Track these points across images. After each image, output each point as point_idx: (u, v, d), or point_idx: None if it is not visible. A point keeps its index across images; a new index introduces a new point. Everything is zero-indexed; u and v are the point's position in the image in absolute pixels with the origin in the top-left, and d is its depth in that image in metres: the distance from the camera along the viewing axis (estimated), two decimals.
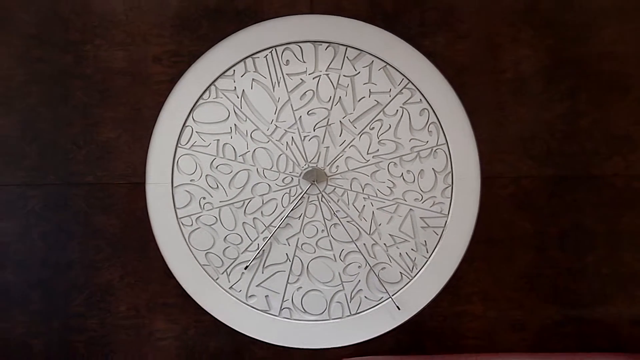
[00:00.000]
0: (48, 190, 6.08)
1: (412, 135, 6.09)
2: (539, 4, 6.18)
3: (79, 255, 6.07)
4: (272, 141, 6.09)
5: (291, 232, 6.10)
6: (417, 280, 6.09)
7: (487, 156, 6.11)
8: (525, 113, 6.13)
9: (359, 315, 6.10)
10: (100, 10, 6.10)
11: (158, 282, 6.08)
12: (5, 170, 6.08)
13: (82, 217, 6.07)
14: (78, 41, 6.08)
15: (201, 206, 6.10)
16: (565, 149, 6.14)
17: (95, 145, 6.07)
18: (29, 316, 6.06)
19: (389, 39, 6.11)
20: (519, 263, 6.12)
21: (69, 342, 6.07)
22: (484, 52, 6.15)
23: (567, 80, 6.14)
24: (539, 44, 6.15)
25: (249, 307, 6.08)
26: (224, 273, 6.08)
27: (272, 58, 6.11)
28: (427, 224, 6.08)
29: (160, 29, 6.10)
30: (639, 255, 6.13)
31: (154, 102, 6.07)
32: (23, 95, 6.07)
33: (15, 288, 6.07)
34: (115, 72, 6.07)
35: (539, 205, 6.13)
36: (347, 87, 6.10)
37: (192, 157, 6.08)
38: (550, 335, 6.11)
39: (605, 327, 6.13)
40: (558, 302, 6.12)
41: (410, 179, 6.10)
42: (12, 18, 6.09)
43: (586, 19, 6.16)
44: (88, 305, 6.07)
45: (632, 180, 6.13)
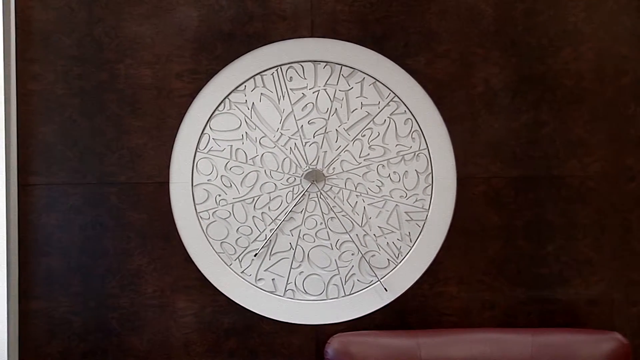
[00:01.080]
0: (86, 189, 6.37)
1: (397, 141, 6.45)
2: (506, 28, 6.49)
3: (113, 245, 6.35)
4: (278, 146, 6.44)
5: (294, 225, 6.45)
6: (402, 265, 6.45)
7: (462, 159, 6.44)
8: (495, 122, 6.46)
9: (352, 295, 6.43)
10: (130, 34, 6.39)
11: (180, 267, 6.38)
12: (49, 171, 6.35)
13: (115, 211, 6.37)
14: (112, 60, 6.37)
15: (217, 202, 6.43)
16: (529, 153, 6.47)
17: (126, 150, 6.37)
18: (70, 297, 6.33)
19: (378, 59, 6.45)
20: (489, 251, 6.45)
21: (104, 319, 6.33)
22: (459, 69, 6.47)
23: (531, 94, 6.47)
24: (506, 62, 6.47)
25: (258, 289, 6.41)
26: (236, 259, 6.42)
27: (277, 75, 6.46)
28: (410, 217, 6.45)
29: (181, 50, 6.40)
30: (592, 244, 6.44)
31: (176, 113, 6.39)
32: (64, 107, 6.35)
33: (58, 273, 6.33)
34: (143, 87, 6.38)
35: (507, 201, 6.46)
36: (342, 100, 6.45)
37: (209, 160, 6.42)
38: (516, 313, 6.44)
39: (564, 306, 6.44)
40: (523, 284, 6.44)
41: (396, 179, 6.45)
42: (55, 40, 6.37)
43: (547, 40, 6.49)
44: (120, 287, 6.34)
45: (586, 180, 6.46)
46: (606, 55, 6.51)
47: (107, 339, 6.37)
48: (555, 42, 6.51)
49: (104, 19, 6.41)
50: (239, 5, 6.44)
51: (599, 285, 6.48)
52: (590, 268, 6.49)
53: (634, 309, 6.47)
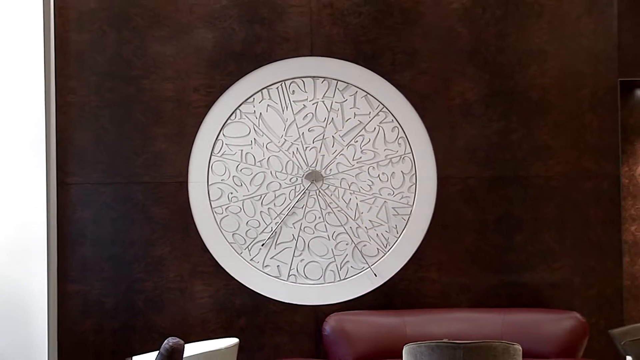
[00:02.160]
0: (115, 188, 6.44)
1: (386, 146, 6.51)
2: (480, 48, 6.53)
3: (139, 236, 6.43)
4: (282, 151, 6.50)
5: (296, 218, 6.51)
6: (390, 254, 6.50)
7: (442, 162, 6.49)
8: (470, 130, 6.51)
9: (346, 280, 6.48)
10: (154, 53, 6.45)
11: (197, 255, 6.44)
12: (84, 172, 6.41)
13: (141, 207, 6.44)
14: (138, 76, 6.44)
15: (229, 199, 6.48)
16: (500, 156, 6.52)
17: (151, 154, 6.44)
18: (102, 281, 6.39)
19: (369, 75, 6.50)
20: (465, 242, 6.51)
21: (131, 300, 6.39)
22: (439, 84, 6.53)
23: (501, 106, 6.52)
24: (480, 78, 6.52)
25: (265, 274, 6.47)
26: (246, 249, 6.47)
27: (282, 89, 6.51)
28: (397, 212, 6.50)
29: (198, 67, 6.47)
30: (554, 236, 6.49)
31: (193, 122, 6.45)
32: (96, 116, 6.43)
33: (92, 260, 6.39)
34: (165, 99, 6.45)
35: (480, 198, 6.52)
36: (337, 110, 6.52)
37: (223, 162, 6.48)
38: (488, 295, 6.49)
39: (530, 289, 6.48)
40: (494, 270, 6.50)
41: (384, 179, 6.51)
42: (89, 59, 6.44)
43: (515, 59, 6.53)
44: (145, 273, 6.41)
45: (550, 180, 6.51)
46: (567, 72, 6.55)
47: (134, 317, 6.41)
48: (522, 60, 6.56)
49: (131, 40, 6.47)
50: (248, 29, 6.50)
51: (561, 271, 6.52)
52: (553, 256, 6.52)
53: (591, 292, 6.49)
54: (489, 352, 4.52)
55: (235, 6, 6.50)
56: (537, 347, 6.07)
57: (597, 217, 6.54)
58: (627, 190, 7.58)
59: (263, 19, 6.52)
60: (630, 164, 7.71)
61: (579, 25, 6.57)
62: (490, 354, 4.51)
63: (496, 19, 6.56)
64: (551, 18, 6.57)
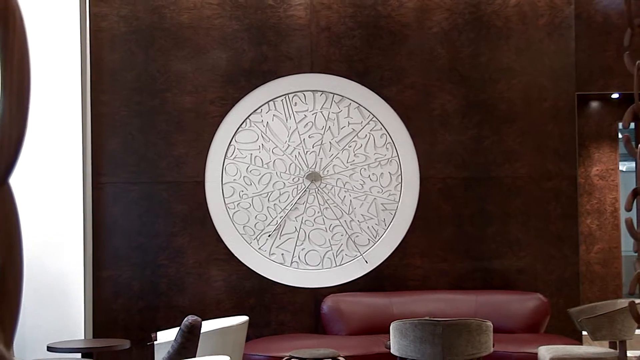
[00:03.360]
0: (142, 186, 6.48)
1: (375, 151, 6.57)
2: (457, 66, 6.59)
3: (162, 228, 6.46)
4: (286, 154, 6.55)
5: (298, 213, 6.56)
6: (379, 244, 6.55)
7: (424, 164, 6.55)
8: (448, 136, 6.58)
9: (341, 266, 6.53)
10: (176, 70, 6.50)
11: (212, 245, 6.47)
12: (114, 173, 6.46)
13: (164, 203, 6.48)
14: (162, 90, 6.49)
15: (240, 196, 6.53)
16: (474, 159, 6.58)
17: (173, 157, 6.49)
18: (131, 267, 6.42)
19: (361, 89, 6.55)
20: (444, 233, 6.57)
21: (156, 283, 6.43)
22: (421, 97, 6.59)
23: (475, 116, 6.59)
24: (457, 92, 6.58)
25: (271, 261, 6.51)
26: (255, 239, 6.51)
27: (286, 101, 6.56)
28: (385, 207, 6.56)
29: (214, 82, 6.51)
30: (520, 228, 6.55)
31: (210, 130, 6.50)
32: (125, 125, 6.47)
33: (122, 249, 6.44)
34: (185, 110, 6.50)
35: (457, 196, 6.58)
36: (334, 119, 6.57)
37: (235, 164, 6.52)
38: (464, 279, 6.56)
39: (499, 274, 6.55)
40: (469, 258, 6.57)
41: (374, 179, 6.57)
42: (119, 76, 6.49)
43: (487, 75, 6.59)
44: (168, 260, 6.44)
45: (517, 180, 6.58)
46: (531, 87, 6.61)
47: (158, 298, 6.45)
48: (493, 76, 6.61)
49: (156, 59, 6.51)
50: (257, 50, 6.55)
51: (526, 259, 6.57)
52: (519, 246, 6.58)
53: (552, 276, 6.56)
54: (464, 328, 4.60)
55: (245, 30, 6.55)
56: (506, 324, 6.10)
57: (557, 212, 6.58)
58: (583, 188, 7.66)
59: (269, 41, 6.56)
60: (585, 166, 7.80)
61: (541, 46, 6.62)
62: (465, 329, 4.60)
63: (470, 41, 6.61)
64: (518, 40, 6.62)
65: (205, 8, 6.53)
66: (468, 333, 4.63)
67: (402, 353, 4.72)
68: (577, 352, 5.22)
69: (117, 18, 6.49)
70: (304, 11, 6.57)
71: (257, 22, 6.55)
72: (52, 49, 6.09)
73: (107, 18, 6.48)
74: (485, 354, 4.70)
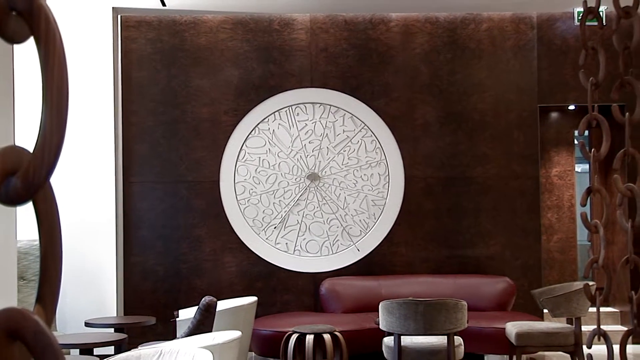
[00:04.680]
0: (166, 185, 6.49)
1: (366, 154, 6.57)
2: (436, 82, 6.58)
3: (183, 221, 6.47)
4: (290, 158, 6.56)
5: (300, 208, 6.56)
6: (369, 234, 6.56)
7: (408, 166, 6.56)
8: (429, 142, 6.58)
9: (337, 254, 6.54)
10: (195, 85, 6.50)
11: (226, 235, 6.47)
12: (142, 173, 6.47)
13: (185, 200, 6.48)
14: (182, 103, 6.49)
15: (250, 193, 6.53)
16: (450, 162, 6.58)
17: (192, 160, 6.49)
18: (156, 255, 6.43)
19: (354, 101, 6.56)
20: (425, 225, 6.57)
21: (178, 269, 6.44)
22: (406, 108, 6.59)
23: (452, 125, 6.58)
24: (436, 104, 6.58)
25: (277, 249, 6.52)
26: (262, 230, 6.52)
27: (289, 112, 6.57)
28: (375, 203, 6.56)
29: (227, 95, 6.51)
30: (491, 221, 6.55)
31: (224, 137, 6.50)
32: (152, 133, 6.48)
33: (148, 239, 6.45)
34: (203, 120, 6.50)
35: (437, 193, 6.58)
36: (330, 128, 6.57)
37: (245, 166, 6.53)
38: (442, 265, 6.56)
39: (473, 260, 6.55)
40: (447, 246, 6.57)
41: (365, 178, 6.57)
42: (146, 90, 6.49)
43: (462, 90, 6.59)
44: (188, 248, 6.45)
45: (487, 179, 6.57)
46: (500, 100, 6.61)
47: (179, 281, 6.46)
48: (467, 91, 6.62)
49: (177, 76, 6.51)
50: (264, 67, 6.55)
51: (495, 247, 6.58)
52: (489, 236, 6.58)
53: (517, 262, 6.56)
54: (442, 307, 4.61)
55: (254, 51, 6.55)
56: (478, 303, 6.10)
57: (522, 207, 6.58)
58: (544, 187, 7.66)
59: (275, 60, 6.56)
60: (546, 167, 7.81)
61: (508, 65, 6.63)
62: (444, 308, 4.61)
63: (448, 60, 6.61)
64: (488, 60, 6.63)
65: (220, 32, 6.53)
66: (446, 311, 4.64)
67: (389, 328, 4.74)
68: (539, 327, 5.23)
69: (145, 41, 6.50)
70: (305, 34, 6.58)
71: (265, 44, 6.55)
72: (90, 68, 6.09)
73: (136, 41, 6.49)
74: (461, 329, 4.70)
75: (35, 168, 0.80)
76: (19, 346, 0.82)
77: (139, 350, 3.10)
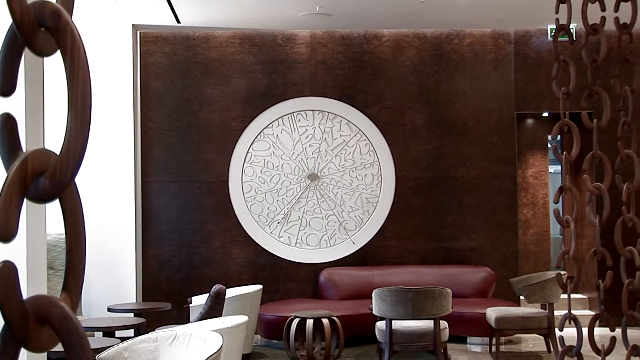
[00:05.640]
0: (180, 184, 6.48)
1: (361, 156, 6.56)
2: (423, 91, 6.57)
3: (196, 217, 6.46)
4: (291, 159, 6.54)
5: (301, 205, 6.54)
6: (364, 229, 6.54)
7: (399, 167, 6.55)
8: (418, 146, 6.57)
9: (334, 246, 6.53)
10: (206, 94, 6.49)
11: (234, 229, 6.46)
12: (158, 174, 6.45)
13: (197, 197, 6.47)
14: (195, 110, 6.48)
15: (256, 192, 6.51)
16: (437, 163, 6.57)
17: (204, 161, 6.48)
18: (171, 246, 6.42)
19: (349, 109, 6.55)
20: (414, 221, 6.56)
21: (191, 260, 6.43)
22: (397, 115, 6.58)
23: (438, 130, 6.57)
24: (424, 110, 6.57)
25: (280, 242, 6.51)
26: (267, 225, 6.50)
27: (291, 118, 6.56)
28: (368, 200, 6.55)
29: (235, 103, 6.51)
30: (473, 217, 6.54)
31: (232, 140, 6.49)
32: (167, 137, 6.45)
33: (164, 233, 6.44)
34: (213, 125, 6.49)
35: (424, 192, 6.57)
36: (329, 132, 6.56)
37: (252, 167, 6.51)
38: (429, 256, 6.55)
39: (457, 252, 6.54)
40: (433, 240, 6.56)
41: (360, 178, 6.56)
42: (162, 99, 6.48)
43: (447, 99, 6.58)
44: (200, 241, 6.44)
45: (470, 179, 6.56)
46: (481, 108, 6.60)
47: (192, 271, 6.44)
48: (452, 99, 6.60)
49: (191, 86, 6.50)
50: (269, 78, 6.53)
51: (477, 240, 6.57)
52: (472, 230, 6.57)
53: (497, 254, 6.55)
54: (429, 294, 4.63)
55: (260, 63, 6.54)
56: (461, 291, 6.09)
57: (501, 204, 6.58)
58: (521, 186, 7.66)
59: (278, 71, 6.55)
60: (523, 169, 7.80)
61: (489, 76, 6.62)
62: (430, 295, 4.63)
63: (434, 72, 6.60)
64: (470, 71, 6.62)
65: (229, 46, 6.53)
66: (432, 298, 4.64)
67: (382, 313, 4.74)
68: (516, 312, 5.24)
69: (161, 54, 6.49)
70: (305, 48, 6.58)
71: (269, 57, 6.55)
72: (112, 79, 6.09)
73: (153, 54, 6.49)
74: (446, 314, 4.71)
75: (62, 169, 0.81)
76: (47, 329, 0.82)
77: (156, 333, 3.12)
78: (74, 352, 0.82)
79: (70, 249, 0.88)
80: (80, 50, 0.84)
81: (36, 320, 0.84)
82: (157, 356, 3.04)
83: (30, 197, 0.83)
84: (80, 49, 0.85)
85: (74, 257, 0.88)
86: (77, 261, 0.88)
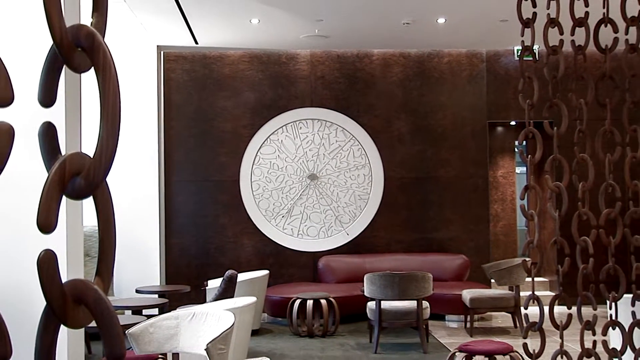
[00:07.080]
0: (197, 184, 6.45)
1: (354, 159, 6.54)
2: (408, 102, 6.55)
3: (211, 211, 6.43)
4: (294, 162, 6.52)
5: (302, 201, 6.52)
6: (357, 221, 6.53)
7: (387, 169, 6.53)
8: (403, 150, 6.55)
9: (331, 237, 6.51)
10: (220, 105, 6.46)
11: (244, 222, 6.44)
12: (179, 175, 6.42)
13: (212, 195, 6.44)
14: (210, 119, 6.46)
15: (263, 190, 6.49)
16: (420, 165, 6.56)
17: (218, 163, 6.46)
18: (189, 237, 6.39)
19: (344, 118, 6.53)
20: (400, 215, 6.54)
21: (207, 249, 6.41)
22: (385, 123, 6.56)
23: (421, 136, 6.56)
24: (409, 119, 6.56)
25: (284, 233, 6.49)
26: (273, 218, 6.48)
27: (294, 126, 6.53)
28: (361, 197, 6.53)
29: (245, 113, 6.48)
30: (451, 211, 6.49)
31: (243, 145, 6.47)
32: (186, 142, 6.44)
33: (184, 225, 6.40)
34: (226, 132, 6.46)
35: (410, 189, 6.55)
36: (326, 138, 6.54)
37: (259, 168, 6.49)
38: (413, 245, 6.52)
39: (437, 241, 6.52)
40: (417, 231, 6.53)
41: (353, 178, 6.54)
42: (182, 109, 6.45)
43: (429, 109, 6.56)
44: (215, 233, 6.42)
45: (449, 179, 6.54)
46: (458, 117, 6.59)
47: (208, 258, 6.42)
48: (433, 109, 6.59)
49: (207, 98, 6.47)
50: (274, 92, 6.51)
51: (455, 231, 6.55)
52: (450, 223, 6.56)
53: (471, 243, 6.54)
54: (413, 278, 4.63)
55: (267, 79, 6.52)
56: (441, 275, 6.09)
57: (475, 200, 6.56)
58: (492, 184, 7.64)
59: (283, 85, 6.52)
60: (493, 170, 7.78)
61: (464, 89, 6.61)
62: (414, 279, 4.63)
63: (418, 85, 6.58)
64: (449, 86, 6.60)
65: (240, 63, 6.51)
66: (416, 281, 4.65)
67: (372, 295, 4.74)
68: (488, 293, 5.24)
69: (181, 71, 6.47)
70: (306, 65, 6.55)
71: (275, 73, 6.53)
72: (139, 92, 6.07)
73: (174, 71, 6.47)
74: (428, 295, 4.72)
75: (95, 170, 0.82)
76: (83, 309, 0.83)
77: (177, 312, 3.12)
78: (106, 328, 0.83)
79: (102, 239, 0.88)
80: (111, 68, 0.85)
81: (73, 301, 0.85)
82: (178, 331, 3.05)
83: (67, 195, 0.83)
84: (111, 66, 0.86)
85: (105, 246, 0.89)
86: (109, 250, 0.89)
